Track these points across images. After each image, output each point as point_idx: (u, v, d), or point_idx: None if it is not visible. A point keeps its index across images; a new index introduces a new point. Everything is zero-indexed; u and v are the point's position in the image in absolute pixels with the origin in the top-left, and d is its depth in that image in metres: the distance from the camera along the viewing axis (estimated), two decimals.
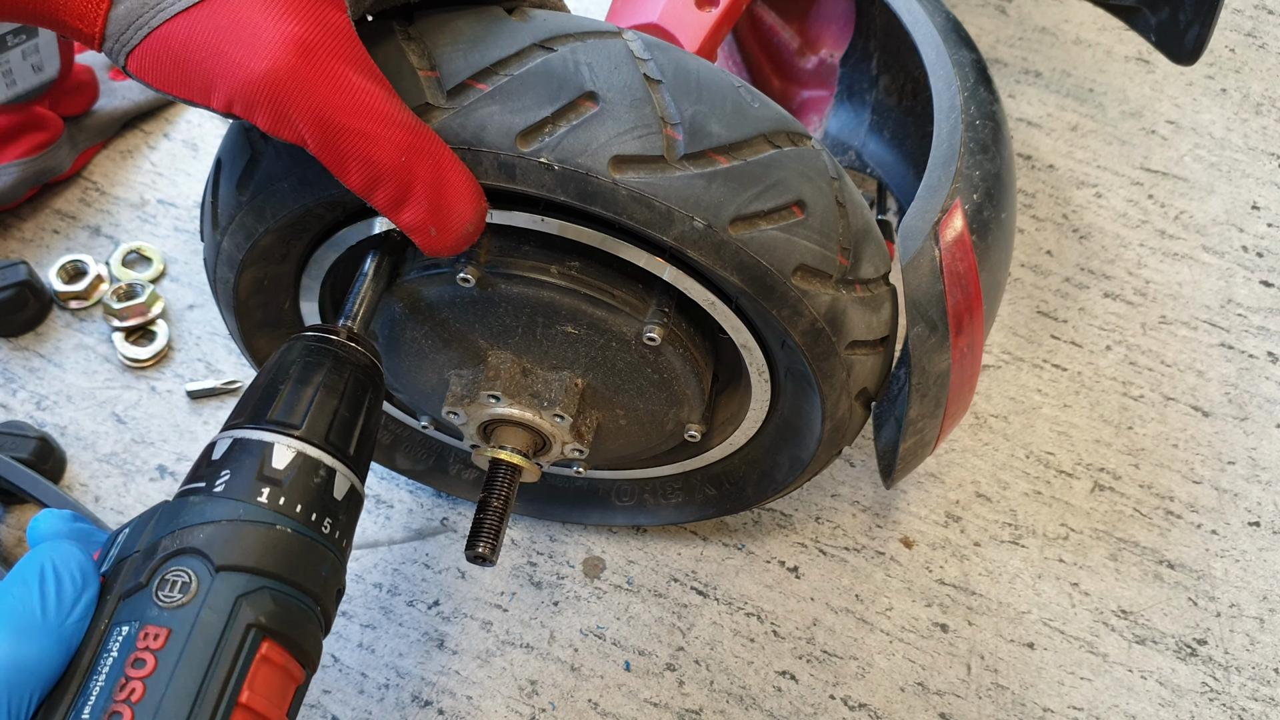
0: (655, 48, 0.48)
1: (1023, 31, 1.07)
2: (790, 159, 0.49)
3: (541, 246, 0.54)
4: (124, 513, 0.78)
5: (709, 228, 0.47)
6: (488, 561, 0.58)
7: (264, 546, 0.42)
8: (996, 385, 0.85)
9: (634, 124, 0.45)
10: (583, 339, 0.55)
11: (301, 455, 0.44)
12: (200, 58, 0.41)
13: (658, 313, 0.54)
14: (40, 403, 0.83)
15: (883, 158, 0.74)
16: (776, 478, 0.67)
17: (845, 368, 0.54)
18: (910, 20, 0.66)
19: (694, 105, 0.47)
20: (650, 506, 0.75)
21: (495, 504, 0.59)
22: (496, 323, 0.56)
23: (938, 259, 0.54)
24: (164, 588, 0.40)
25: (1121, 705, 0.73)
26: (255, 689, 0.40)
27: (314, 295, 0.61)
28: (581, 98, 0.45)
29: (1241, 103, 1.02)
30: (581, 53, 0.46)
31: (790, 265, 0.49)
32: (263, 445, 0.44)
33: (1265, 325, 0.89)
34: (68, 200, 0.92)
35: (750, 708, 0.72)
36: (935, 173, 0.59)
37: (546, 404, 0.58)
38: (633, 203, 0.46)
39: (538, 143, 0.45)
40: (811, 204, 0.49)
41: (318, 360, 0.47)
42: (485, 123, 0.45)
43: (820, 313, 0.50)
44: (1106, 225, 0.94)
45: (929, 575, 0.77)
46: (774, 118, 0.49)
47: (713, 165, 0.46)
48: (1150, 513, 0.80)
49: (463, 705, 0.72)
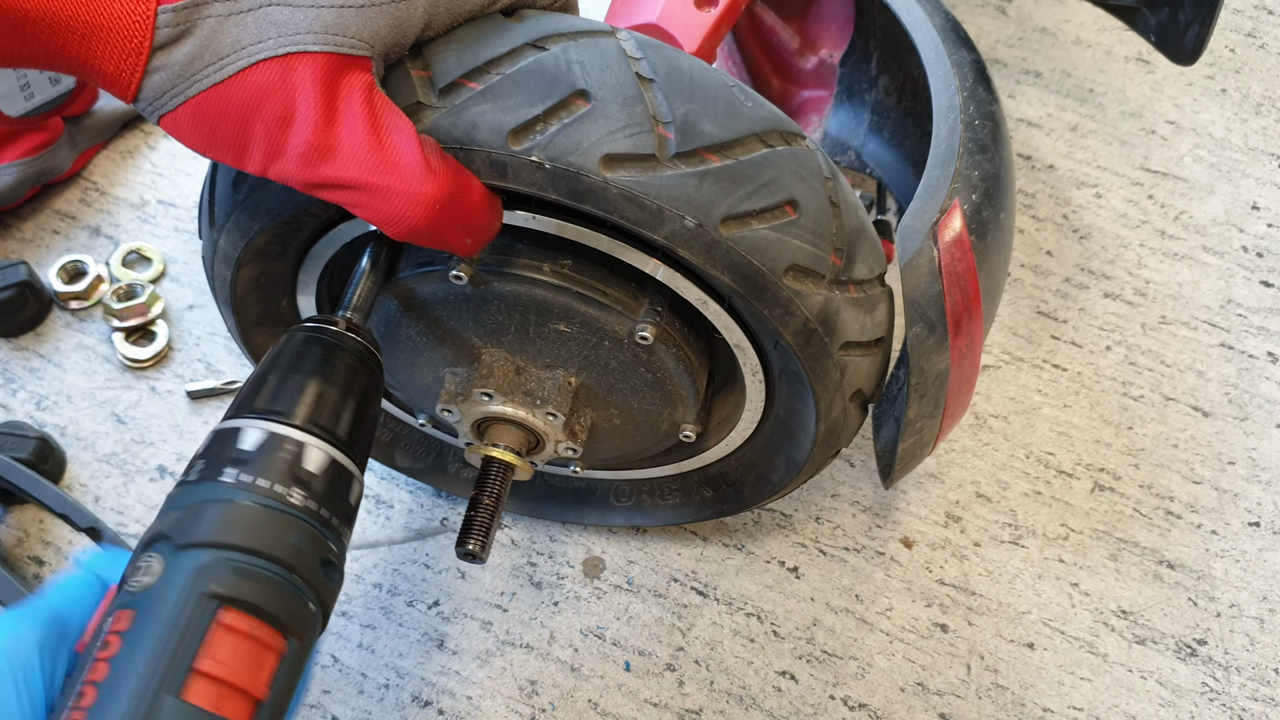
0: (648, 47, 0.48)
1: (1023, 32, 1.07)
2: (783, 158, 0.48)
3: (534, 244, 0.54)
4: (124, 513, 0.78)
5: (700, 226, 0.47)
6: (478, 559, 0.58)
7: (222, 521, 0.42)
8: (996, 385, 0.85)
9: (625, 122, 0.45)
10: (575, 337, 0.55)
11: (270, 434, 0.45)
12: (235, 127, 0.43)
13: (650, 312, 0.54)
14: (40, 403, 0.83)
15: (882, 158, 0.74)
16: (773, 479, 0.67)
17: (839, 369, 0.54)
18: (909, 20, 0.66)
19: (686, 104, 0.46)
20: (648, 507, 0.75)
21: (486, 501, 0.59)
22: (490, 320, 0.56)
23: (936, 259, 0.54)
24: (133, 574, 0.41)
25: (1121, 705, 0.73)
26: (216, 656, 0.40)
27: (311, 291, 0.61)
28: (573, 96, 0.45)
29: (1241, 103, 1.02)
30: (574, 51, 0.46)
31: (782, 265, 0.48)
32: (235, 432, 0.45)
33: (1265, 325, 0.89)
34: (68, 200, 0.92)
35: (750, 708, 0.72)
36: (934, 173, 0.59)
37: (539, 402, 0.58)
38: (624, 201, 0.46)
39: (529, 141, 0.45)
40: (804, 204, 0.49)
41: (307, 348, 0.48)
42: (477, 121, 0.45)
43: (813, 313, 0.50)
44: (1106, 225, 0.94)
45: (929, 575, 0.77)
46: (767, 117, 0.49)
47: (704, 164, 0.46)
48: (1150, 513, 0.80)
49: (463, 705, 0.72)
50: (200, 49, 0.42)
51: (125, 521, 0.78)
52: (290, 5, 0.42)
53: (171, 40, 0.42)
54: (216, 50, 0.42)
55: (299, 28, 0.42)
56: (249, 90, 0.42)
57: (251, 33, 0.42)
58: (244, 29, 0.42)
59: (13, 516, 0.78)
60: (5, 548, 0.76)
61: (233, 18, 0.42)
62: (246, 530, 0.43)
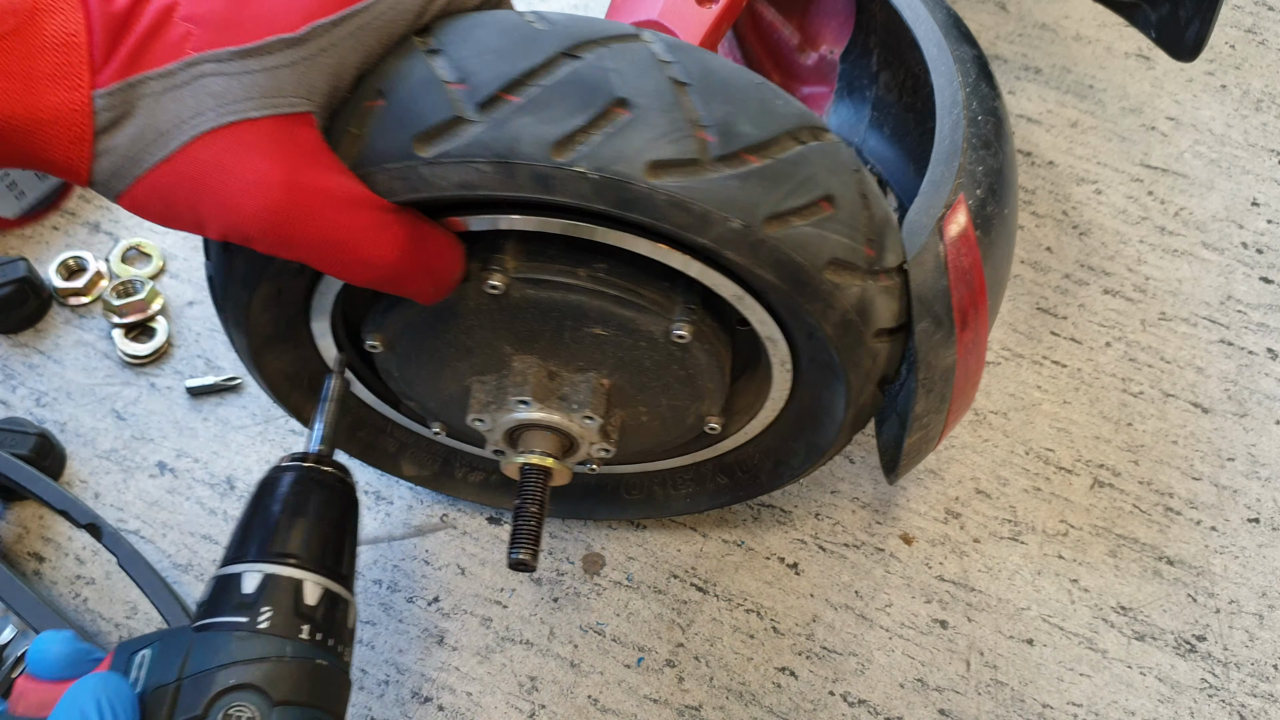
0: (677, 49, 0.48)
1: (1023, 28, 1.07)
2: (816, 154, 0.49)
3: (567, 250, 0.53)
4: (124, 509, 0.78)
5: (746, 227, 0.47)
6: (529, 567, 0.58)
7: (311, 681, 0.47)
8: (996, 382, 0.85)
9: (667, 128, 0.45)
10: (610, 340, 0.55)
11: (327, 591, 0.50)
12: (189, 200, 0.43)
13: (685, 310, 0.54)
14: (40, 399, 0.83)
15: (883, 154, 0.74)
16: (793, 464, 0.67)
17: (871, 356, 0.54)
18: (911, 16, 0.66)
19: (723, 106, 0.47)
20: (660, 499, 0.75)
21: (532, 509, 0.59)
22: (523, 328, 0.56)
23: (942, 254, 0.54)
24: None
25: (1120, 701, 0.73)
26: None
27: (325, 314, 0.60)
28: (613, 105, 0.45)
29: (1241, 99, 1.02)
30: (608, 59, 0.46)
31: (823, 259, 0.49)
32: (294, 582, 0.49)
33: (1265, 322, 0.89)
34: (67, 197, 0.92)
35: (750, 704, 0.72)
36: (938, 168, 0.58)
37: (576, 406, 0.58)
38: (670, 207, 0.46)
39: (573, 152, 0.45)
40: (839, 198, 0.49)
41: (307, 490, 0.53)
42: (519, 135, 0.45)
43: (851, 304, 0.51)
44: (1106, 222, 0.94)
45: (928, 571, 0.77)
46: (798, 114, 0.49)
47: (745, 165, 0.46)
48: (1149, 509, 0.80)
49: (463, 701, 0.72)
50: (142, 129, 0.42)
51: (125, 518, 0.78)
52: (224, 74, 0.42)
53: (113, 123, 0.42)
54: (157, 127, 0.42)
55: (236, 95, 0.42)
56: (195, 164, 0.42)
57: (190, 106, 0.42)
58: (181, 103, 0.42)
59: (12, 513, 0.78)
60: (5, 544, 0.76)
61: (169, 94, 0.42)
62: (327, 691, 0.48)
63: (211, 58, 0.42)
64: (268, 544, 0.50)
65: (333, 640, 0.50)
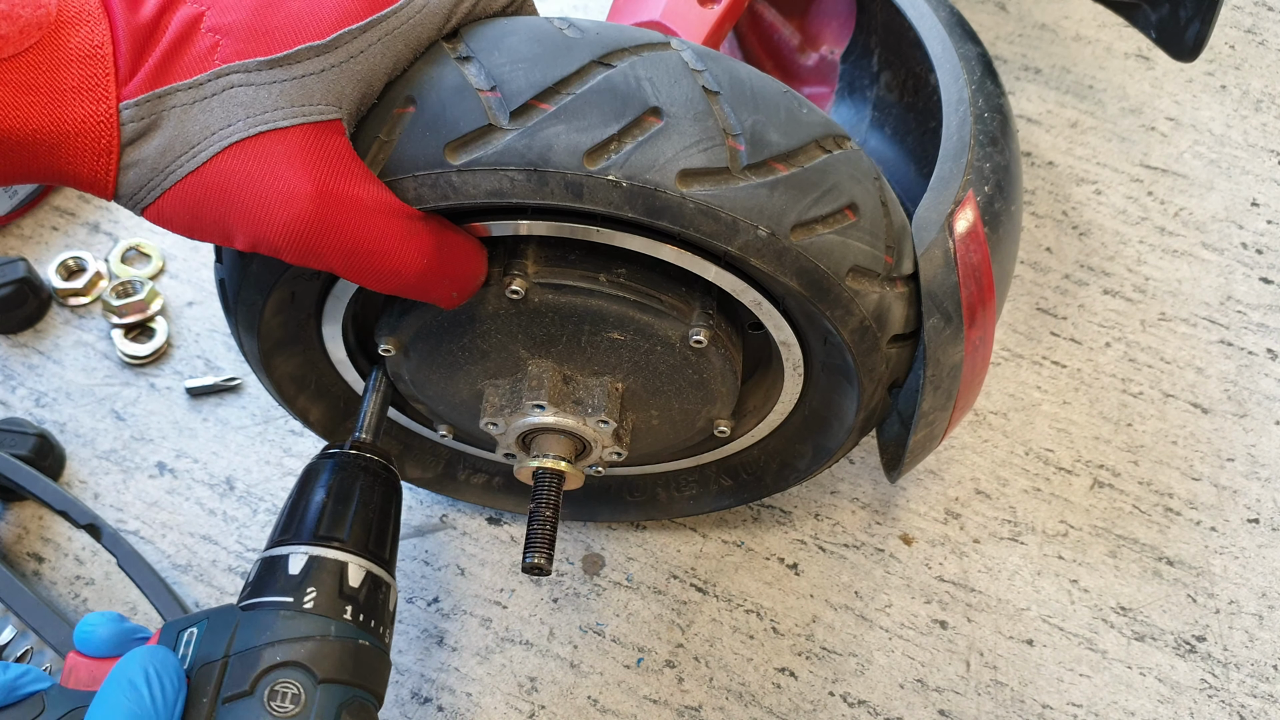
0: (706, 57, 0.48)
1: (1023, 28, 1.07)
2: (840, 162, 0.49)
3: (587, 255, 0.53)
4: (123, 509, 0.78)
5: (772, 236, 0.47)
6: (544, 571, 0.58)
7: (355, 660, 0.49)
8: (996, 382, 0.85)
9: (699, 137, 0.45)
10: (627, 344, 0.55)
11: (370, 574, 0.52)
12: (217, 212, 0.43)
13: (702, 314, 0.54)
14: (39, 399, 0.82)
15: (884, 154, 0.74)
16: (799, 466, 0.67)
17: (885, 361, 0.55)
18: (914, 15, 0.66)
19: (752, 115, 0.47)
20: (663, 501, 0.75)
21: (546, 513, 0.59)
22: (541, 332, 0.55)
23: (952, 250, 0.54)
24: (274, 698, 0.46)
25: (1120, 702, 0.73)
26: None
27: (338, 318, 0.59)
28: (646, 114, 0.45)
29: (1241, 99, 1.02)
30: (640, 67, 0.46)
31: (845, 267, 0.49)
32: (339, 564, 0.51)
33: (1264, 322, 0.89)
34: (66, 197, 0.92)
35: (749, 704, 0.72)
36: (946, 165, 0.59)
37: (590, 410, 0.58)
38: (700, 215, 0.46)
39: (605, 160, 0.45)
40: (862, 206, 0.50)
41: (352, 476, 0.54)
42: (551, 143, 0.45)
43: (869, 311, 0.51)
44: (1106, 222, 0.94)
45: (928, 572, 0.77)
46: (822, 122, 0.50)
47: (773, 174, 0.47)
48: (1149, 509, 0.80)
49: (462, 702, 0.72)
50: (171, 140, 0.42)
51: (125, 518, 0.78)
52: (253, 84, 0.42)
53: (140, 135, 0.41)
54: (187, 139, 0.42)
55: (266, 105, 0.42)
56: (225, 175, 0.42)
57: (219, 117, 0.41)
58: (211, 114, 0.41)
59: (12, 513, 0.78)
60: (5, 544, 0.76)
61: (198, 104, 0.41)
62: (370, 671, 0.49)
63: (240, 68, 0.42)
64: (314, 527, 0.52)
65: (374, 621, 0.51)
